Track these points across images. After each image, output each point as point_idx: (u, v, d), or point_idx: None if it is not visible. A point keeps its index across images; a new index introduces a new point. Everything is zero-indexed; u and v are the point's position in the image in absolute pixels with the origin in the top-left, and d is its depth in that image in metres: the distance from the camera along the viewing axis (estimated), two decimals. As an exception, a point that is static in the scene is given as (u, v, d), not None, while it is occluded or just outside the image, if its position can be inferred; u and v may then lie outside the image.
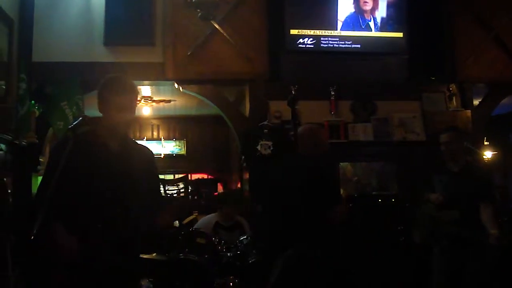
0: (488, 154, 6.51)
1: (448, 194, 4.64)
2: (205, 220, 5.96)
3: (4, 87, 5.72)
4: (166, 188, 8.87)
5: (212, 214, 6.01)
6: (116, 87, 3.01)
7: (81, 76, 6.24)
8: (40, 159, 6.38)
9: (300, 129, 4.28)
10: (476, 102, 7.29)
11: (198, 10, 5.71)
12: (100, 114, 3.03)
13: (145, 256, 4.73)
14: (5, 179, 5.43)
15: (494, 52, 7.07)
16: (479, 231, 4.34)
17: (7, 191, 5.49)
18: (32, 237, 2.44)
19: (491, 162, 7.03)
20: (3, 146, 5.45)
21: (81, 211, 2.85)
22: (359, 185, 6.77)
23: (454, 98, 7.04)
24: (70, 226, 2.80)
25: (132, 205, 3.03)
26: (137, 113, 10.60)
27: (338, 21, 6.75)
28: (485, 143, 7.15)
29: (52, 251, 2.74)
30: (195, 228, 5.53)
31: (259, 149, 6.33)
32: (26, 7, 6.29)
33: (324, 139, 4.47)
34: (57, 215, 2.74)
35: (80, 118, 2.78)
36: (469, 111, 7.00)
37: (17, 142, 5.72)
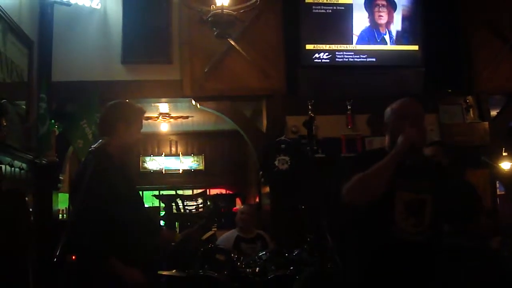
0: (506, 166, 6.42)
1: None
2: (226, 237, 5.97)
3: (24, 107, 5.81)
4: (185, 204, 8.89)
5: (232, 230, 6.03)
6: (135, 109, 3.18)
7: (100, 95, 6.28)
8: (61, 177, 6.46)
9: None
10: (493, 113, 7.26)
11: (214, 29, 5.76)
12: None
13: (164, 273, 4.75)
14: (26, 198, 5.51)
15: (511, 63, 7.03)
16: (477, 241, 4.28)
17: (29, 209, 5.56)
18: (56, 257, 2.47)
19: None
20: (24, 165, 5.53)
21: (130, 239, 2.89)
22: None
23: (471, 110, 7.01)
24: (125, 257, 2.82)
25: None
26: (155, 129, 10.65)
27: (354, 35, 6.75)
28: (504, 154, 7.06)
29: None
30: (214, 245, 5.54)
31: (276, 164, 6.35)
32: (45, 28, 6.40)
33: None
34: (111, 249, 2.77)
35: (100, 140, 2.83)
36: (487, 122, 6.99)
37: (38, 161, 5.81)
